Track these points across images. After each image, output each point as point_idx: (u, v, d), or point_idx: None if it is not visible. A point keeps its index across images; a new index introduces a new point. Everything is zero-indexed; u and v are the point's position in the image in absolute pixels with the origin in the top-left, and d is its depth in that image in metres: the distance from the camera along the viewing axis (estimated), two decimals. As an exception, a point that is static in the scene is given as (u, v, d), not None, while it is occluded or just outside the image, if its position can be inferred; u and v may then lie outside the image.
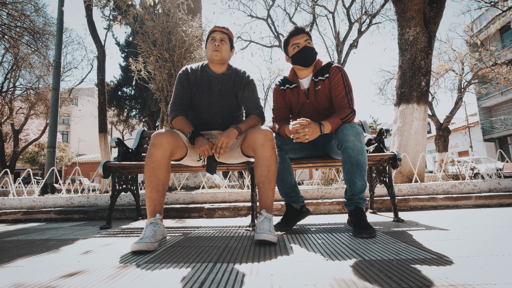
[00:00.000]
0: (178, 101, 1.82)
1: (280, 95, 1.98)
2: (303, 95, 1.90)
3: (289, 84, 1.96)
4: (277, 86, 2.00)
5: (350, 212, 1.75)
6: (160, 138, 1.55)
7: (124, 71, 16.24)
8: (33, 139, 16.96)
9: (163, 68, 4.67)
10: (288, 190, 1.91)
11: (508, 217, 2.01)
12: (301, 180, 12.96)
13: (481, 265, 0.98)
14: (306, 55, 1.80)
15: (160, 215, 1.52)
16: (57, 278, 1.00)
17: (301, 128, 1.61)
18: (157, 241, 1.42)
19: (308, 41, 1.82)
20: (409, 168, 3.73)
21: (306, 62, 1.82)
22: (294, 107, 1.96)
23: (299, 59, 1.82)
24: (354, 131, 1.61)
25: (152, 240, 1.37)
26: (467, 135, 20.97)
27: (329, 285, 0.85)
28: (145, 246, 1.33)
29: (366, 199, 1.75)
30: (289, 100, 1.96)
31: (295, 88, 1.93)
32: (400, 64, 4.08)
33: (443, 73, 13.17)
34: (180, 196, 3.15)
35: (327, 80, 1.82)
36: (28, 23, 8.60)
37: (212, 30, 1.84)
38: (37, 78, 11.99)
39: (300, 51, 1.81)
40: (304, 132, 1.61)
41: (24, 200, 3.26)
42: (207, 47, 1.85)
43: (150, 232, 1.41)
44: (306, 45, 1.80)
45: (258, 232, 1.44)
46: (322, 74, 1.84)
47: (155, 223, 1.47)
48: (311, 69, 1.89)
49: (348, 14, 12.24)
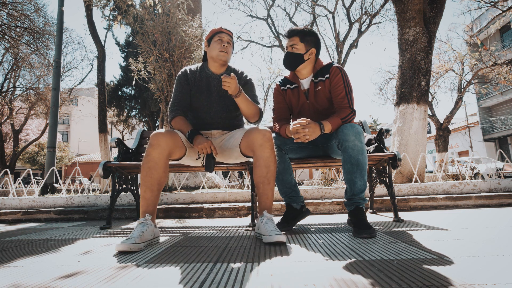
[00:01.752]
0: (177, 102, 1.83)
1: (280, 95, 1.99)
2: (303, 96, 1.91)
3: (289, 84, 1.96)
4: (278, 86, 2.01)
5: (350, 212, 1.74)
6: (158, 138, 1.56)
7: (124, 71, 16.22)
8: (33, 139, 16.95)
9: (163, 68, 4.67)
10: (288, 190, 1.91)
11: (508, 217, 2.01)
12: (301, 180, 12.95)
13: (481, 265, 0.98)
14: (287, 60, 1.86)
15: (150, 215, 1.52)
16: (57, 278, 1.00)
17: (301, 128, 1.62)
18: (143, 242, 1.42)
19: (295, 46, 1.82)
20: (409, 168, 3.73)
21: (288, 66, 1.88)
22: (294, 107, 1.96)
23: (284, 62, 1.89)
24: (355, 131, 1.61)
25: (137, 241, 1.38)
26: (467, 135, 20.96)
27: (329, 285, 0.85)
28: (127, 247, 1.34)
29: (366, 199, 1.74)
30: (289, 100, 1.97)
31: (295, 88, 1.93)
32: (400, 64, 4.08)
33: (443, 73, 13.16)
34: (180, 196, 3.15)
35: (327, 81, 1.82)
36: (28, 23, 8.60)
37: (218, 30, 1.84)
38: (37, 78, 11.98)
39: (285, 56, 1.87)
40: (304, 132, 1.61)
41: (24, 200, 3.26)
42: (213, 46, 1.82)
43: (137, 233, 1.42)
44: (290, 50, 1.84)
45: (267, 235, 1.44)
46: (323, 75, 1.84)
47: (144, 223, 1.47)
48: (311, 70, 1.89)
49: (348, 14, 12.24)
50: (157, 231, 1.58)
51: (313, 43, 1.85)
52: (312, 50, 1.84)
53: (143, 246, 1.42)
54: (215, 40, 1.82)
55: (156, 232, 1.58)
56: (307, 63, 1.86)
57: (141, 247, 1.40)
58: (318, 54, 1.90)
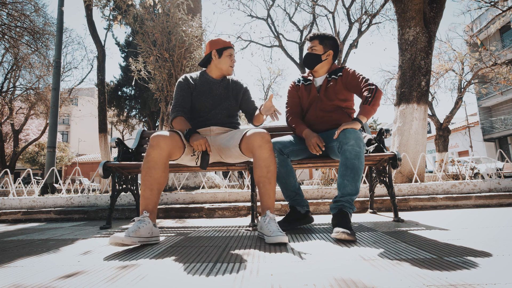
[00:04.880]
0: (179, 103, 1.91)
1: (294, 89, 2.14)
2: (315, 90, 2.04)
3: (304, 81, 2.12)
4: (293, 83, 2.16)
5: (333, 215, 1.61)
6: (157, 139, 1.59)
7: (124, 71, 16.21)
8: (33, 139, 16.94)
9: (163, 68, 4.67)
10: (292, 193, 1.95)
11: (508, 217, 2.02)
12: (301, 180, 12.95)
13: (481, 265, 0.98)
14: (306, 59, 2.04)
15: (148, 213, 1.53)
16: (57, 279, 1.00)
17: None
18: (138, 237, 1.41)
19: (315, 47, 2.00)
20: (409, 168, 3.73)
21: (307, 65, 2.05)
22: (304, 103, 2.09)
23: (303, 61, 2.07)
24: (356, 136, 1.63)
25: (132, 234, 1.38)
26: (467, 135, 20.96)
27: (329, 285, 0.85)
28: (120, 240, 1.36)
29: (354, 207, 1.64)
30: (301, 94, 2.11)
31: (309, 84, 2.08)
32: (400, 64, 4.08)
33: (443, 73, 13.16)
34: (180, 196, 3.15)
35: (339, 79, 1.97)
36: (28, 23, 8.59)
37: (229, 45, 1.97)
38: (37, 78, 11.97)
39: (304, 56, 2.06)
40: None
41: (24, 200, 3.26)
42: (224, 60, 1.95)
43: (132, 228, 1.43)
44: (310, 51, 2.02)
45: (269, 235, 1.45)
46: (336, 74, 2.00)
47: (141, 220, 1.48)
48: (327, 70, 2.05)
49: (348, 14, 12.25)
50: (156, 230, 1.56)
51: (331, 46, 2.00)
52: (330, 52, 2.01)
53: (138, 241, 1.41)
54: (227, 54, 1.95)
55: (155, 232, 1.56)
56: (324, 63, 2.02)
57: (135, 242, 1.39)
58: (336, 57, 2.06)
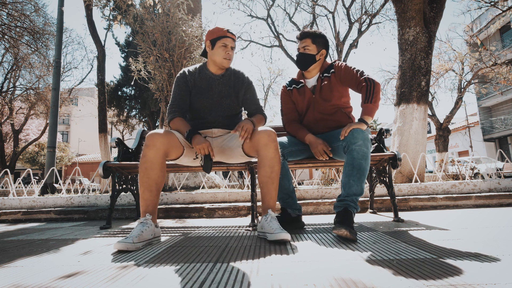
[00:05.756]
0: (176, 103, 1.83)
1: (287, 95, 2.09)
2: (309, 92, 2.00)
3: (295, 84, 2.06)
4: (284, 88, 2.12)
5: (337, 213, 1.57)
6: (153, 138, 1.55)
7: (124, 71, 16.20)
8: (33, 139, 16.94)
9: (163, 68, 4.67)
10: (285, 196, 1.90)
11: (508, 217, 2.01)
12: (301, 180, 12.95)
13: (481, 265, 0.98)
14: (300, 60, 1.98)
15: (151, 215, 1.53)
16: (57, 279, 1.00)
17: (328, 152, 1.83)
18: (141, 241, 1.42)
19: (308, 47, 1.93)
20: (409, 168, 3.73)
21: (301, 66, 2.00)
22: (300, 107, 2.05)
23: (296, 62, 2.01)
24: (364, 136, 1.63)
25: (135, 240, 1.39)
26: (467, 135, 20.96)
27: (329, 285, 0.85)
28: (125, 246, 1.35)
29: (358, 207, 1.62)
30: (295, 99, 2.05)
31: (302, 87, 2.02)
32: (400, 64, 4.08)
33: (443, 73, 13.16)
34: (180, 196, 3.15)
35: (332, 75, 1.94)
36: (28, 23, 8.59)
37: (223, 34, 1.78)
38: (37, 78, 11.97)
39: (297, 56, 1.99)
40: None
41: (24, 200, 3.26)
42: (217, 52, 1.79)
43: (135, 232, 1.43)
44: (302, 51, 1.95)
45: (272, 233, 1.44)
46: (328, 72, 1.96)
47: (144, 222, 1.48)
48: (319, 70, 2.00)
49: (348, 14, 12.25)
50: (158, 230, 1.58)
51: (323, 44, 1.96)
52: (323, 51, 1.96)
53: (141, 245, 1.42)
54: (220, 45, 1.78)
55: (157, 232, 1.58)
56: (317, 64, 1.98)
57: (139, 247, 1.40)
58: (327, 56, 2.01)
